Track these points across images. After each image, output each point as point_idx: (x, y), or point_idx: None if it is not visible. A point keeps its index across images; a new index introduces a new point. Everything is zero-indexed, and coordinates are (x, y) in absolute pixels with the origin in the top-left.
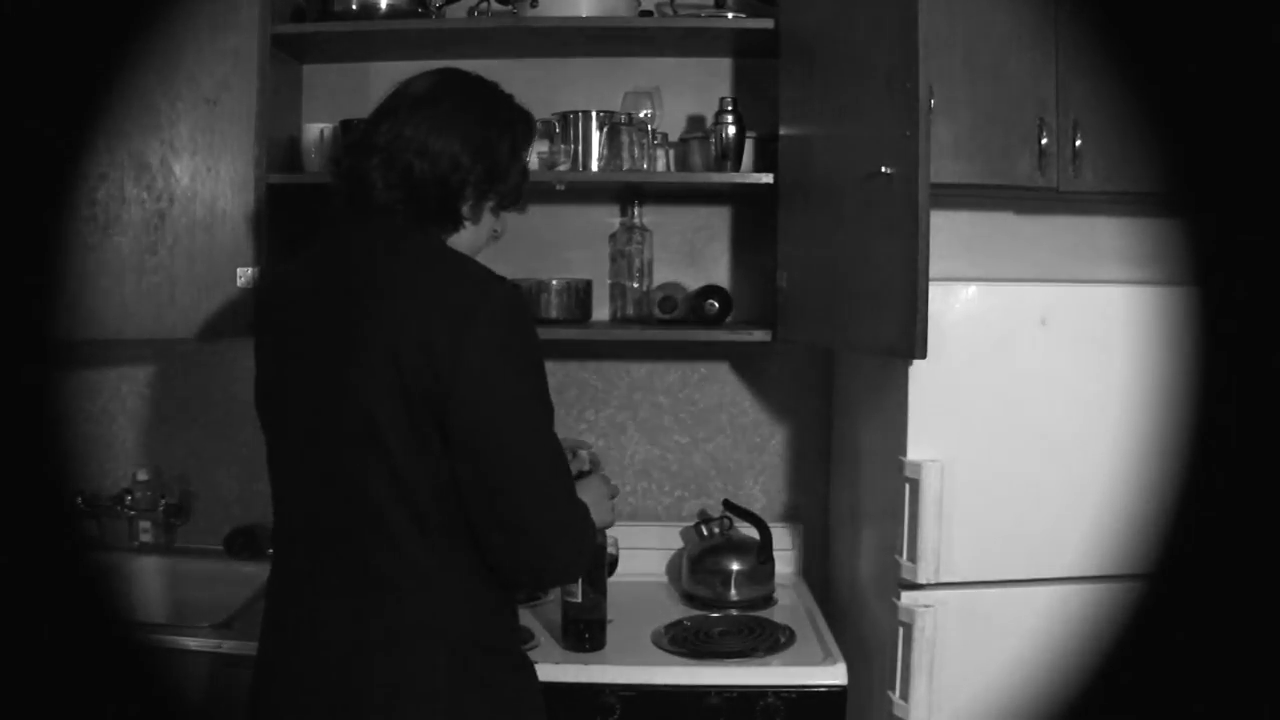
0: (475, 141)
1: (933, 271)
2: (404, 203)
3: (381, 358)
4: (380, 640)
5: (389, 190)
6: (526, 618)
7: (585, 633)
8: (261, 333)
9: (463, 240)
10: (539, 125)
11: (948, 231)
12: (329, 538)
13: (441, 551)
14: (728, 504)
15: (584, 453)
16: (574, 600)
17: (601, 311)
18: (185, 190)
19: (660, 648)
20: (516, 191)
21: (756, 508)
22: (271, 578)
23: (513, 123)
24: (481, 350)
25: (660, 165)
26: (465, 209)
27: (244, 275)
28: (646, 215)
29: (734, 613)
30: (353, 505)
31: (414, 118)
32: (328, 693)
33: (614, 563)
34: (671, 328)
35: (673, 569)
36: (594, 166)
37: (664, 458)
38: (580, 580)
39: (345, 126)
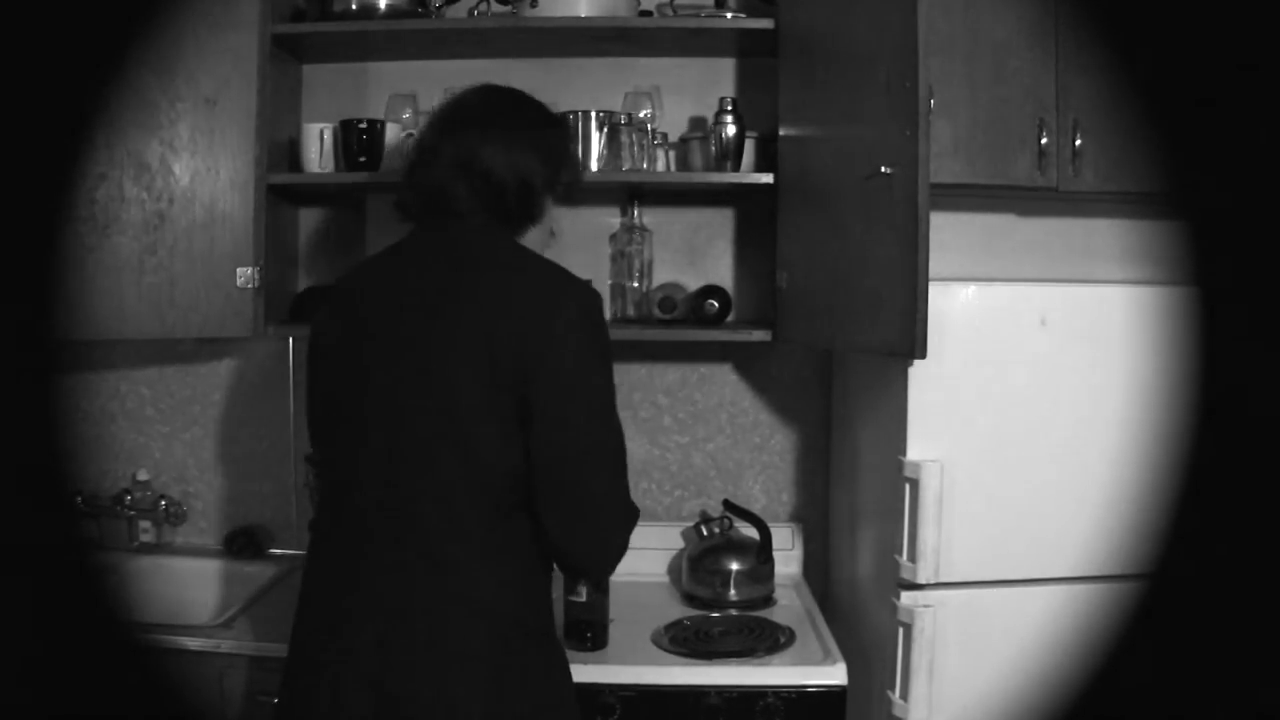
0: (542, 146)
1: (933, 271)
2: (486, 208)
3: (471, 350)
4: (430, 611)
5: (472, 197)
6: None
7: (587, 632)
8: (332, 328)
9: (532, 238)
10: None
11: (948, 231)
12: (394, 518)
13: (502, 536)
14: (728, 504)
15: None
16: (578, 600)
17: None
18: (185, 190)
19: (660, 648)
20: (574, 185)
21: (756, 508)
22: (314, 558)
23: (561, 124)
24: (565, 340)
25: (660, 165)
26: (537, 207)
27: (244, 275)
28: (646, 215)
29: (734, 613)
30: (425, 489)
31: (482, 129)
32: (374, 658)
33: None
34: (671, 328)
35: (673, 569)
36: (594, 166)
37: (664, 458)
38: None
39: (345, 126)
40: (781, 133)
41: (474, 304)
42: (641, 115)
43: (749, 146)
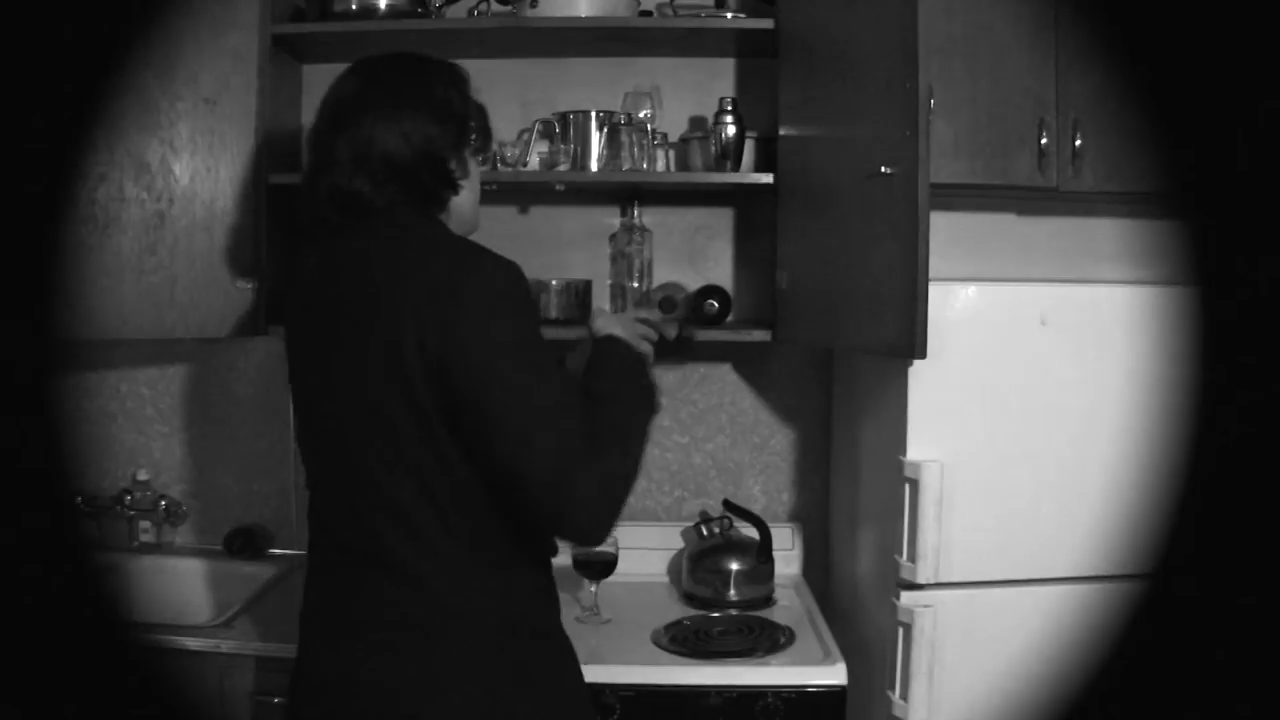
0: (435, 106)
1: (933, 271)
2: (400, 193)
3: (388, 358)
4: (413, 630)
5: (380, 189)
6: None
7: (669, 342)
8: (288, 341)
9: (465, 201)
10: (539, 125)
11: (948, 231)
12: (357, 536)
13: (468, 541)
14: (728, 504)
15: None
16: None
17: None
18: (185, 190)
19: (660, 647)
20: (486, 130)
21: (756, 508)
22: (308, 574)
23: (448, 75)
24: (469, 322)
25: (660, 165)
26: (454, 169)
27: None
28: (646, 215)
29: (734, 613)
30: (377, 505)
31: (368, 115)
32: (365, 685)
33: (614, 562)
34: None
35: (673, 569)
36: (594, 166)
37: (664, 458)
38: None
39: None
40: (781, 133)
41: (384, 316)
42: (641, 115)
43: (749, 146)
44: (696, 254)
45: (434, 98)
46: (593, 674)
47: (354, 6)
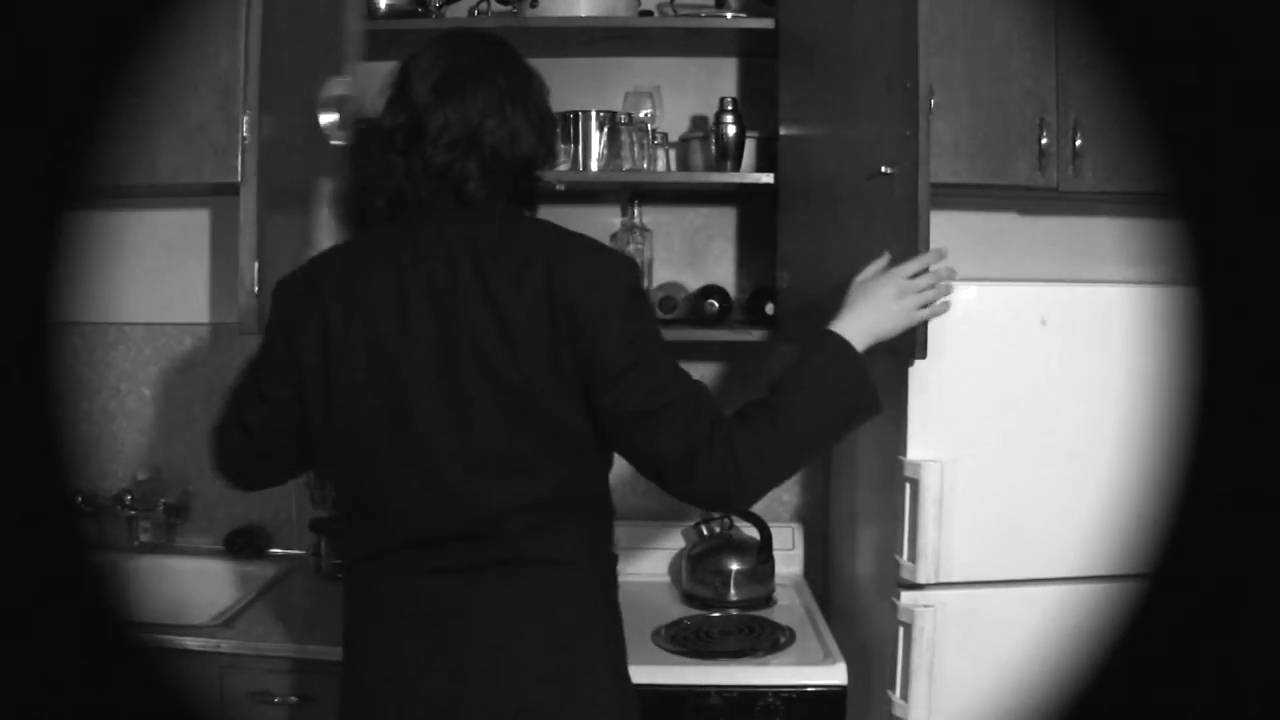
0: (543, 115)
1: None
2: (497, 193)
3: (523, 336)
4: (521, 608)
5: (484, 179)
6: None
7: None
8: (324, 335)
9: None
10: None
11: (948, 231)
12: (460, 529)
13: (577, 524)
14: None
15: None
16: None
17: None
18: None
19: (660, 647)
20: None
21: (756, 508)
22: (361, 584)
23: (541, 81)
24: (611, 302)
25: (660, 165)
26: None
27: (245, 275)
28: (647, 215)
29: (734, 612)
30: (481, 507)
31: (482, 96)
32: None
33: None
34: (671, 328)
35: (673, 569)
36: (594, 166)
37: None
38: None
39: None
40: (782, 132)
41: (503, 297)
42: (642, 115)
43: (749, 146)
44: (697, 254)
45: (544, 109)
46: None
47: None
